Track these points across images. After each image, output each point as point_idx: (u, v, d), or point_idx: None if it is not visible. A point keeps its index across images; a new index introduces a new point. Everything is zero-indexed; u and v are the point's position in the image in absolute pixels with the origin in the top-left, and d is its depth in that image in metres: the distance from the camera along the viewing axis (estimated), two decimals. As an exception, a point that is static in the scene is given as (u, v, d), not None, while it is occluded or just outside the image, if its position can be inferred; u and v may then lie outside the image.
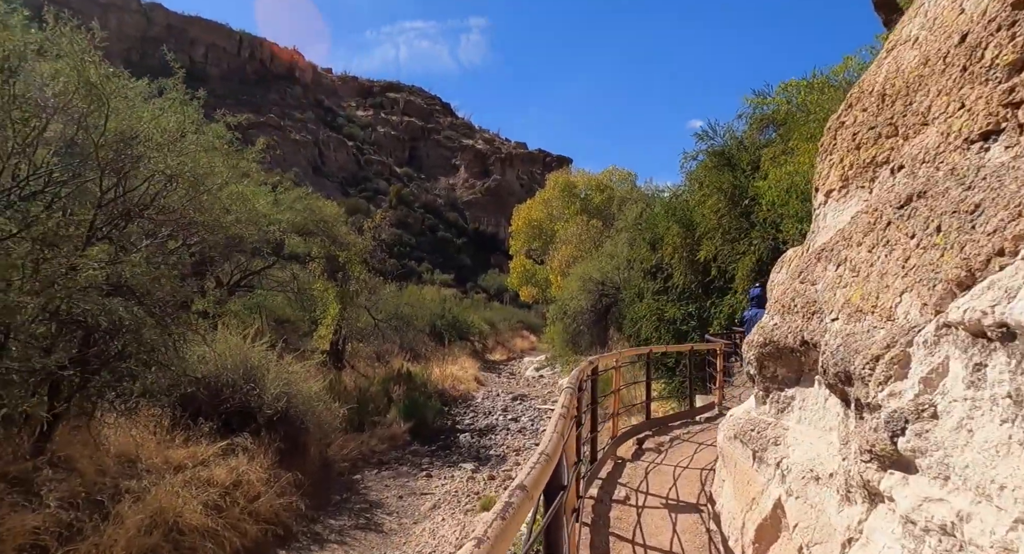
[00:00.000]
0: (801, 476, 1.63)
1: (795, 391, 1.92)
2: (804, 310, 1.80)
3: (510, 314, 46.82)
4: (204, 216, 5.86)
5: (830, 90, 7.85)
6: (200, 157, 5.75)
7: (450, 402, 16.21)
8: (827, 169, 2.22)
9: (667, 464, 5.26)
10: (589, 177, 29.85)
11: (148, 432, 6.76)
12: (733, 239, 9.60)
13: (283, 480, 7.22)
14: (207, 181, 6.23)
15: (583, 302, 18.71)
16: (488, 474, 9.16)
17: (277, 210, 12.96)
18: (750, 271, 8.94)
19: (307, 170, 77.84)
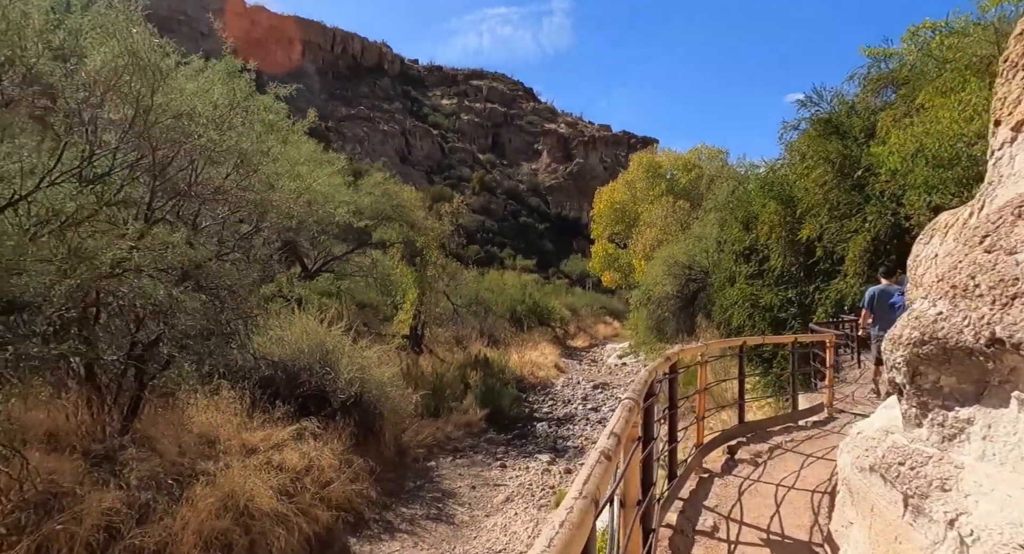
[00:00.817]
0: (999, 551, 1.05)
1: (974, 411, 1.30)
2: (995, 292, 1.18)
3: (592, 300, 45.96)
4: (253, 195, 5.74)
5: (977, 30, 6.50)
6: (250, 132, 5.58)
7: (528, 389, 15.94)
8: (1018, 92, 1.54)
9: (767, 481, 4.40)
10: (675, 156, 28.30)
11: (229, 414, 6.92)
12: (842, 215, 8.44)
13: (355, 466, 7.18)
14: (255, 158, 6.07)
15: (668, 287, 17.71)
16: (564, 467, 8.74)
17: (356, 195, 13.11)
18: (863, 251, 7.80)
19: (394, 159, 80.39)
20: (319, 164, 12.05)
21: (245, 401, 7.29)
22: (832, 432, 6.14)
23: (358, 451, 8.07)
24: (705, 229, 16.73)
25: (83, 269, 4.79)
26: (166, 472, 5.32)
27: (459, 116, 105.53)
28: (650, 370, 2.74)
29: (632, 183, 28.93)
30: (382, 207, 13.22)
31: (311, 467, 6.35)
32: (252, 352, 7.37)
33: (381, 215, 13.52)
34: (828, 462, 4.80)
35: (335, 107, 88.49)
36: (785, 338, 7.31)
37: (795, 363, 7.06)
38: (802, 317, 9.48)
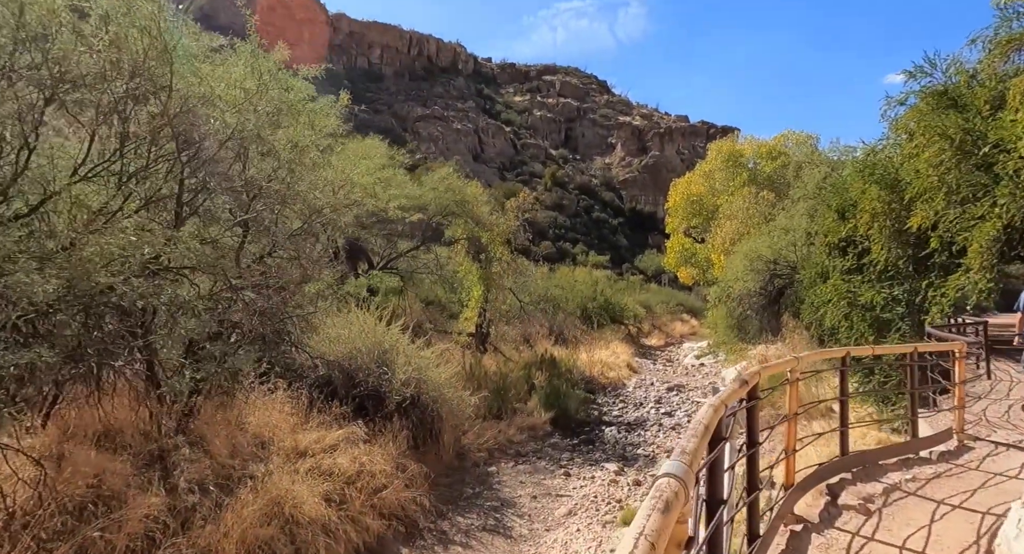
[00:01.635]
0: None
1: None
2: None
3: (668, 296, 44.28)
4: (279, 185, 5.47)
5: None
6: (269, 114, 5.28)
7: (597, 390, 15.26)
8: None
9: (884, 541, 3.29)
10: (759, 144, 26.43)
11: (285, 414, 6.83)
12: (963, 200, 7.21)
13: (410, 471, 6.90)
14: (280, 143, 5.74)
15: (750, 283, 16.43)
16: (633, 478, 8.09)
17: (420, 190, 12.98)
18: (992, 241, 6.59)
19: (467, 157, 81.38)
20: (361, 156, 11.98)
21: (302, 401, 7.20)
22: (968, 468, 4.95)
23: (415, 455, 7.82)
24: (792, 220, 15.33)
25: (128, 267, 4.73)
26: (215, 474, 5.22)
27: (531, 112, 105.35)
28: (714, 407, 2.06)
29: (710, 173, 27.34)
30: (446, 203, 13.01)
31: (362, 472, 6.11)
32: (307, 351, 7.26)
33: (445, 211, 13.33)
34: (970, 515, 3.78)
35: (411, 108, 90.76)
36: (902, 348, 5.98)
37: (914, 380, 5.87)
38: (910, 318, 8.26)
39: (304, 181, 5.63)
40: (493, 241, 14.50)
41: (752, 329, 18.26)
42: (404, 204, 13.17)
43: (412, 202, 13.21)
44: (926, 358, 7.70)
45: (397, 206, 12.97)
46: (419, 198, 12.97)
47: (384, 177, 12.23)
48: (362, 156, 12.73)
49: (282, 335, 6.52)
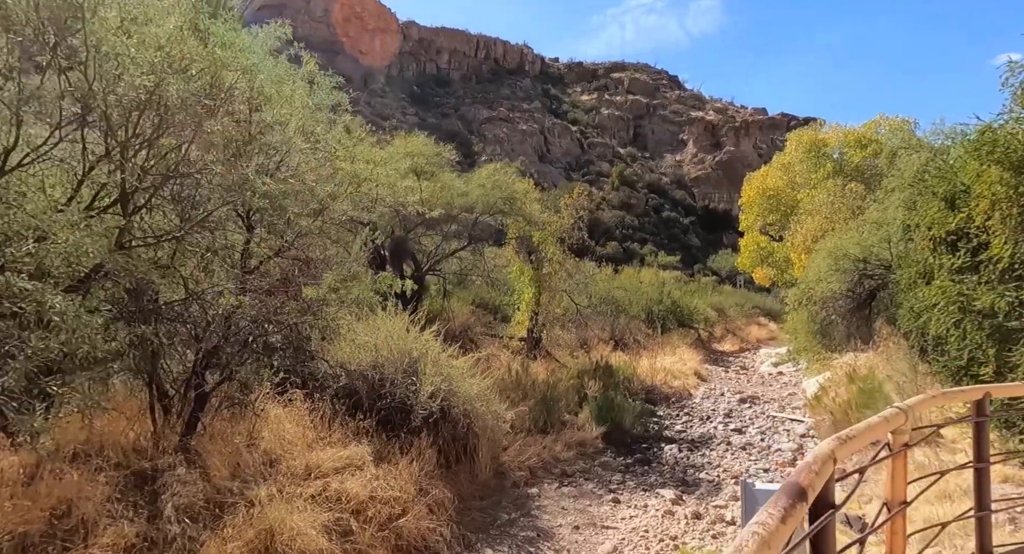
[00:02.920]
0: None
1: None
2: None
3: (743, 298, 41.77)
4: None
5: None
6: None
7: (660, 401, 14.08)
8: None
9: None
10: (845, 132, 24.02)
11: (303, 427, 6.34)
12: (1122, 178, 5.68)
13: (435, 494, 6.21)
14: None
15: (835, 285, 14.66)
16: (692, 510, 7.01)
17: (466, 186, 12.39)
18: None
19: (533, 158, 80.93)
20: (405, 153, 11.49)
21: (324, 413, 6.70)
22: None
23: (446, 474, 7.15)
24: (886, 213, 13.48)
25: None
26: (209, 499, 4.73)
27: (599, 111, 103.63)
28: (798, 485, 1.15)
29: (789, 166, 25.16)
30: (493, 200, 12.34)
31: (375, 497, 5.48)
32: (326, 360, 6.76)
33: (493, 209, 12.65)
34: None
35: (477, 110, 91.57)
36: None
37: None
38: (1046, 327, 6.71)
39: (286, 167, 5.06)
40: (545, 240, 13.67)
41: (838, 335, 16.37)
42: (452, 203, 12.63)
43: (460, 200, 12.64)
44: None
45: (416, 199, 12.38)
46: (465, 196, 12.37)
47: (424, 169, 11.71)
48: (405, 153, 12.30)
49: (293, 342, 6.02)
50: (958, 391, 2.99)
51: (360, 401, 7.06)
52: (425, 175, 12.68)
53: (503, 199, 12.50)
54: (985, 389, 3.53)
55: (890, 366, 10.97)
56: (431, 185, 12.78)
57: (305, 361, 6.71)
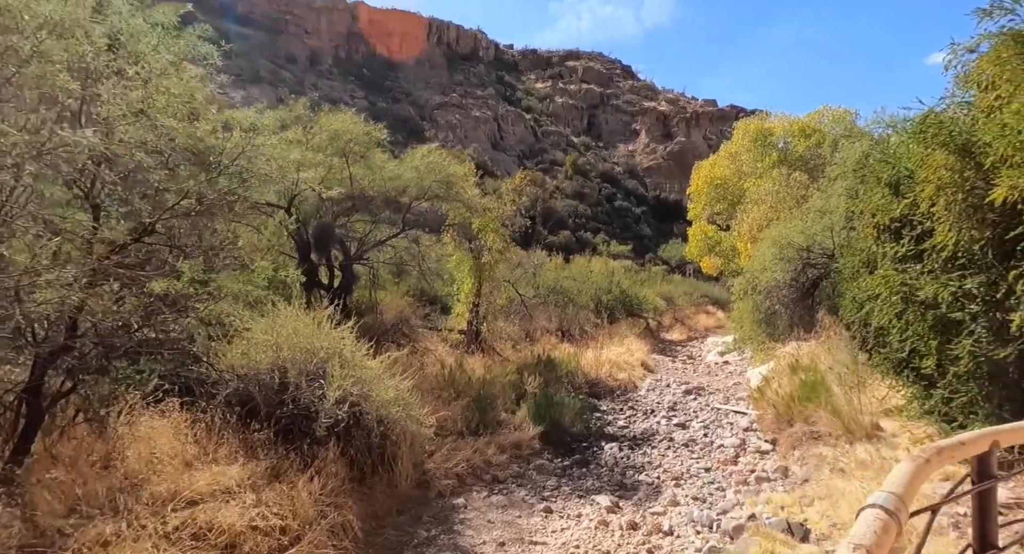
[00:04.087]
0: None
1: None
2: None
3: (692, 287, 42.33)
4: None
5: None
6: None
7: (605, 394, 13.64)
8: None
9: None
10: (790, 121, 24.18)
11: (182, 442, 5.42)
12: (1071, 162, 5.39)
13: (335, 516, 5.43)
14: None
15: (779, 274, 14.55)
16: (628, 519, 6.48)
17: (398, 168, 11.50)
18: (1117, 216, 4.79)
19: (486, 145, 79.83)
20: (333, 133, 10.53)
21: (212, 424, 5.79)
22: None
23: (358, 489, 6.37)
24: (829, 201, 13.38)
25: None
26: (24, 545, 3.81)
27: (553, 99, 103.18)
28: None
29: (736, 155, 25.21)
30: (427, 184, 11.48)
31: (256, 527, 4.65)
32: (211, 363, 5.84)
33: (428, 193, 11.80)
34: None
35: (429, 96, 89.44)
36: None
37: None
38: (988, 318, 6.47)
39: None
40: (485, 228, 12.93)
41: (781, 325, 16.35)
42: (384, 187, 11.72)
43: (392, 184, 11.74)
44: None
45: (313, 175, 11.45)
46: (397, 179, 11.48)
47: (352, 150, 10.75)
48: (334, 133, 11.29)
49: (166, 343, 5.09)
50: (956, 445, 2.11)
51: (256, 409, 6.17)
52: (354, 156, 11.71)
53: (438, 183, 11.66)
54: (993, 436, 2.35)
55: (831, 357, 10.81)
56: (361, 167, 11.83)
57: (187, 364, 5.77)
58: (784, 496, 6.80)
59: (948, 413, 6.98)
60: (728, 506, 6.76)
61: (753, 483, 7.59)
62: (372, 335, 11.52)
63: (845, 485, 6.49)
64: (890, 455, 7.08)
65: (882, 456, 7.05)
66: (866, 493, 6.13)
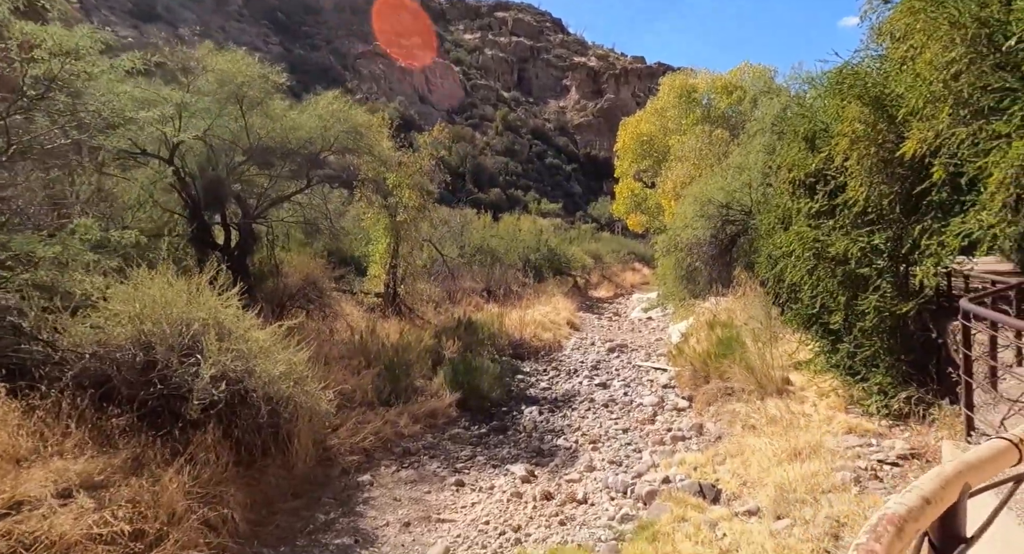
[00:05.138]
0: None
1: None
2: None
3: (620, 245, 43.03)
4: None
5: None
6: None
7: (529, 355, 13.44)
8: None
9: None
10: (713, 78, 24.25)
11: (11, 435, 4.55)
12: (979, 112, 5.33)
13: (204, 512, 4.79)
14: None
15: (699, 231, 14.66)
16: (543, 488, 6.23)
17: (300, 117, 10.39)
18: (1021, 169, 4.77)
19: (413, 99, 76.57)
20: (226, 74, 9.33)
21: (58, 411, 4.93)
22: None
23: (245, 474, 5.73)
24: (748, 158, 13.42)
25: None
26: None
27: (483, 51, 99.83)
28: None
29: (662, 111, 25.14)
30: (334, 134, 10.44)
31: (95, 536, 3.95)
32: (45, 340, 4.92)
33: (336, 145, 10.76)
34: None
35: (351, 44, 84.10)
36: None
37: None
38: (893, 273, 6.55)
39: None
40: (400, 184, 12.08)
41: (702, 281, 16.68)
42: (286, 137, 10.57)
43: (295, 134, 10.61)
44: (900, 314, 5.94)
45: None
46: (299, 129, 10.37)
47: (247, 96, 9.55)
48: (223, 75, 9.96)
49: None
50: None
51: (114, 391, 5.33)
52: (250, 103, 10.45)
53: (346, 134, 10.63)
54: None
55: (747, 313, 10.98)
56: (259, 116, 10.61)
57: (18, 342, 4.84)
58: (698, 455, 6.76)
59: (852, 367, 7.13)
60: (644, 469, 6.66)
61: (669, 442, 7.55)
62: (277, 301, 10.62)
63: (755, 442, 6.50)
64: (798, 410, 7.19)
65: (791, 411, 7.15)
66: (773, 450, 6.16)
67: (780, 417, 6.98)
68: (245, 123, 10.34)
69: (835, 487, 5.11)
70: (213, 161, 10.39)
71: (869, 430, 6.28)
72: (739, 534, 4.75)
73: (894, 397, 6.35)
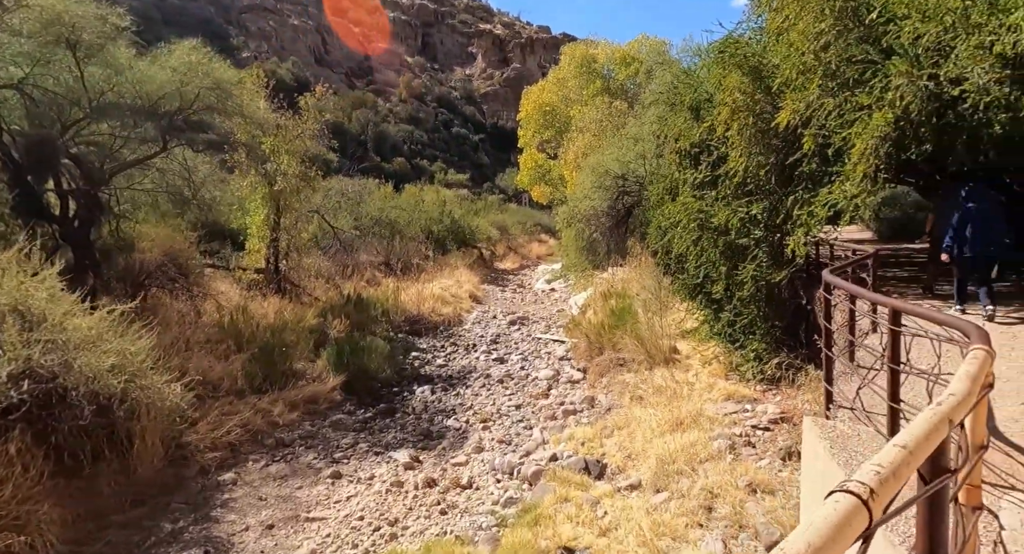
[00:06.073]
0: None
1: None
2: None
3: (527, 216, 43.10)
4: None
5: None
6: None
7: (428, 331, 12.98)
8: None
9: None
10: (612, 49, 24.38)
11: None
12: (845, 84, 5.43)
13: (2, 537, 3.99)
14: None
15: (597, 202, 14.74)
16: (427, 475, 5.89)
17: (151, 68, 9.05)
18: (880, 139, 4.90)
19: (308, 59, 71.67)
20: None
21: None
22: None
23: (67, 486, 4.89)
24: (643, 129, 13.54)
25: None
26: None
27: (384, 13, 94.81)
28: None
29: (564, 81, 25.02)
30: (194, 91, 9.17)
31: None
32: None
33: (198, 103, 9.49)
34: None
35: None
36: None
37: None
38: (769, 243, 6.73)
39: None
40: (278, 149, 10.98)
41: (601, 252, 16.90)
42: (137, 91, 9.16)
43: (145, 89, 9.22)
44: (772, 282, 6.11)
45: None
46: (149, 82, 9.02)
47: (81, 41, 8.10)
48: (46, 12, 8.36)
49: None
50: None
51: None
52: (86, 50, 8.92)
53: (209, 90, 9.39)
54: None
55: (640, 284, 11.16)
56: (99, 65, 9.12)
57: None
58: (587, 429, 6.69)
59: (732, 334, 7.35)
60: (533, 446, 6.49)
61: (561, 417, 7.46)
62: (131, 280, 9.37)
63: (641, 413, 6.53)
64: (683, 378, 7.32)
65: (676, 380, 7.26)
66: (657, 420, 6.19)
67: (666, 387, 7.07)
68: (81, 73, 8.84)
69: (712, 456, 5.17)
70: (40, 117, 8.83)
71: (745, 396, 6.48)
72: (620, 511, 4.67)
73: (768, 363, 6.60)
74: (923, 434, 0.90)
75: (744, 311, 7.05)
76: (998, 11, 4.29)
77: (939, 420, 0.94)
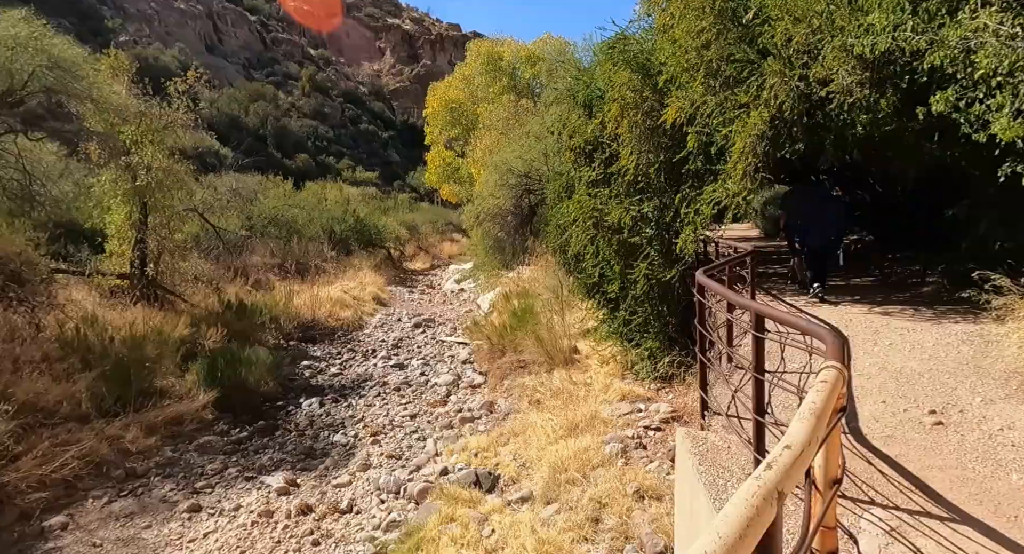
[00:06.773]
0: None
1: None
2: None
3: (437, 215, 42.37)
4: None
5: None
6: None
7: (324, 337, 12.17)
8: None
9: None
10: (518, 47, 24.36)
11: None
12: (726, 83, 5.47)
13: None
14: None
15: (502, 201, 14.53)
16: (302, 500, 5.31)
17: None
18: (757, 138, 4.95)
19: (199, 48, 66.52)
20: None
21: None
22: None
23: None
24: (544, 126, 13.45)
25: None
26: None
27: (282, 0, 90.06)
28: None
29: (470, 78, 24.67)
30: (25, 68, 7.89)
31: None
32: None
33: (33, 84, 8.19)
34: None
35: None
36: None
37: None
38: (661, 242, 6.74)
39: None
40: (141, 140, 9.79)
41: (508, 252, 16.73)
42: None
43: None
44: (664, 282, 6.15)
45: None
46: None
47: None
48: None
49: None
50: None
51: None
52: None
53: (48, 69, 8.13)
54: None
55: (543, 284, 11.03)
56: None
57: None
58: (482, 438, 6.38)
59: (628, 333, 7.33)
60: (424, 460, 6.09)
61: (457, 425, 7.10)
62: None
63: (537, 417, 6.30)
64: (580, 379, 7.19)
65: (574, 381, 7.12)
66: (553, 426, 5.98)
67: (563, 389, 6.91)
68: None
69: (604, 461, 5.01)
70: None
71: (640, 395, 6.43)
72: (508, 528, 4.38)
73: (661, 361, 6.61)
74: (738, 526, 0.61)
75: (638, 310, 7.03)
76: (858, 13, 4.42)
77: (761, 501, 0.67)
